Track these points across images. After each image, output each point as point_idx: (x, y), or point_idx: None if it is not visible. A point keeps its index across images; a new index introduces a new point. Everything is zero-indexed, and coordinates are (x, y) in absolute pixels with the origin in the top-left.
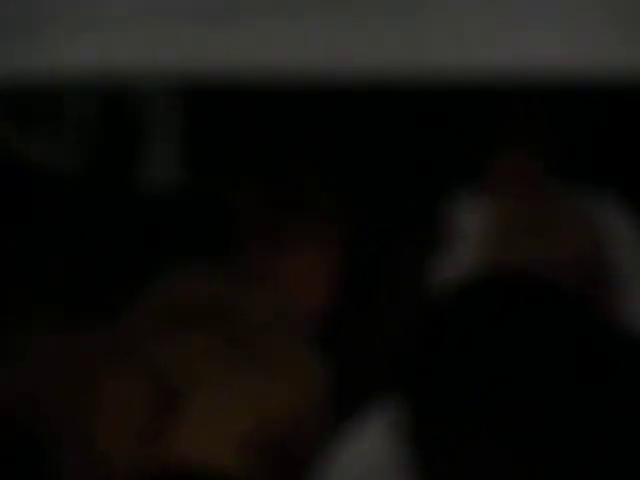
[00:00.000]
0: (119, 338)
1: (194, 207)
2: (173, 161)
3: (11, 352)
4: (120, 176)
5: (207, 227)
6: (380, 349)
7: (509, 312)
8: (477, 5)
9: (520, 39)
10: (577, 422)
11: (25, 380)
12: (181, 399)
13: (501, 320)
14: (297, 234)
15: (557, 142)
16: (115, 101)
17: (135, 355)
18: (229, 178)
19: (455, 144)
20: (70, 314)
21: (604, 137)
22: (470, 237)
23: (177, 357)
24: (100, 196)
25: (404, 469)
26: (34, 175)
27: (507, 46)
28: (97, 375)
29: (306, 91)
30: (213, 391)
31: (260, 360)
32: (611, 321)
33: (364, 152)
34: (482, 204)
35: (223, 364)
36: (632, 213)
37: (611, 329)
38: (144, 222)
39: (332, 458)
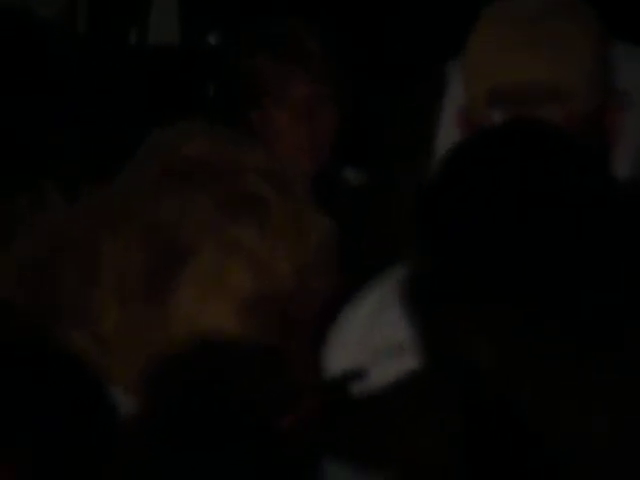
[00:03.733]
0: (122, 193)
1: (200, 67)
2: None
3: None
4: (118, 31)
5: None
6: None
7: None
8: None
9: None
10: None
11: (27, 252)
12: (182, 259)
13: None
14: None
15: None
16: None
17: (138, 212)
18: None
19: None
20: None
21: None
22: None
23: (179, 216)
24: (95, 50)
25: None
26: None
27: None
28: (98, 239)
29: None
30: (213, 252)
31: (262, 220)
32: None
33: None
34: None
35: (225, 224)
36: None
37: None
38: (142, 76)
39: (343, 320)
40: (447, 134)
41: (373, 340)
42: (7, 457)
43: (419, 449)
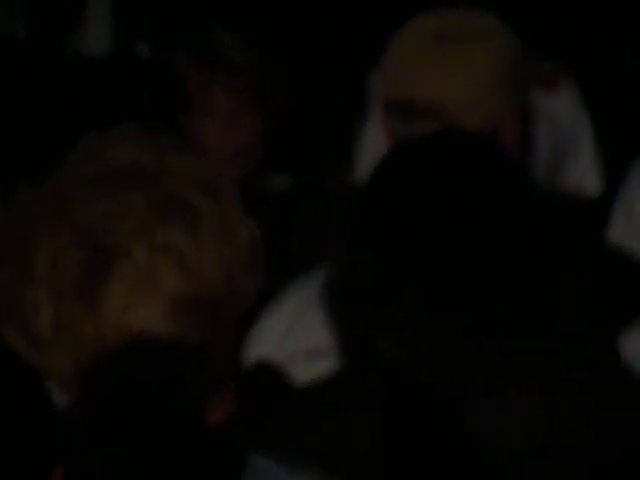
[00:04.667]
0: (53, 196)
1: (129, 70)
2: (108, 25)
3: None
4: (53, 39)
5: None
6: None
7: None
8: None
9: None
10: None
11: None
12: (112, 260)
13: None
14: (220, 93)
15: None
16: None
17: (69, 214)
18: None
19: None
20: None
21: None
22: None
23: (109, 218)
24: (33, 58)
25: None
26: None
27: None
28: (33, 237)
29: None
30: (143, 253)
31: (192, 223)
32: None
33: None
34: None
35: (155, 226)
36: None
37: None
38: (77, 84)
39: (264, 320)
40: (373, 136)
41: (292, 342)
42: None
43: (342, 445)
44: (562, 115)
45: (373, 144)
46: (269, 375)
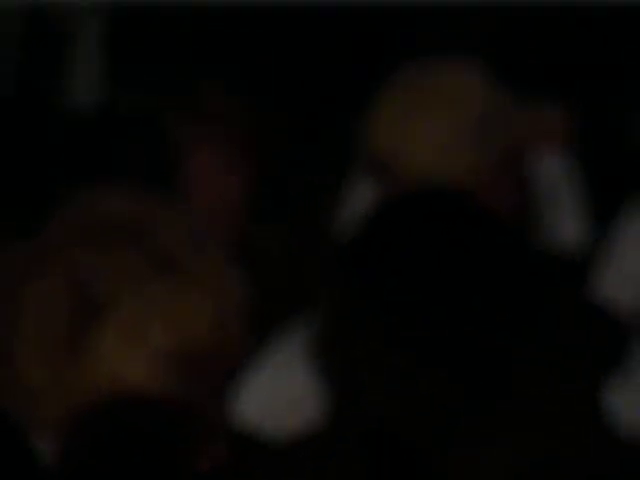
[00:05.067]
0: (43, 247)
1: (119, 125)
2: (97, 79)
3: None
4: (43, 94)
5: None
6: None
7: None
8: None
9: None
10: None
11: None
12: (102, 310)
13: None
14: (209, 140)
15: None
16: (37, 19)
17: (59, 263)
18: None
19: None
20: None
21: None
22: None
23: (99, 268)
24: (24, 113)
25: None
26: None
27: None
28: (20, 291)
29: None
30: (133, 305)
31: (181, 277)
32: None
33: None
34: None
35: (144, 279)
36: None
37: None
38: (68, 139)
39: (250, 377)
40: (361, 184)
41: (281, 392)
42: None
43: None
44: (549, 166)
45: (361, 192)
46: (256, 426)
